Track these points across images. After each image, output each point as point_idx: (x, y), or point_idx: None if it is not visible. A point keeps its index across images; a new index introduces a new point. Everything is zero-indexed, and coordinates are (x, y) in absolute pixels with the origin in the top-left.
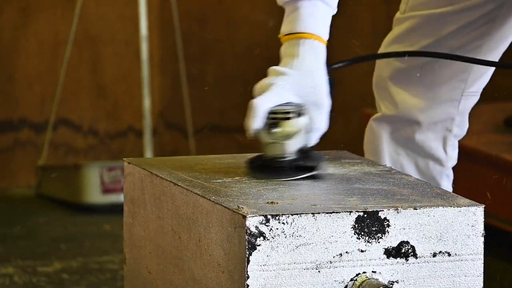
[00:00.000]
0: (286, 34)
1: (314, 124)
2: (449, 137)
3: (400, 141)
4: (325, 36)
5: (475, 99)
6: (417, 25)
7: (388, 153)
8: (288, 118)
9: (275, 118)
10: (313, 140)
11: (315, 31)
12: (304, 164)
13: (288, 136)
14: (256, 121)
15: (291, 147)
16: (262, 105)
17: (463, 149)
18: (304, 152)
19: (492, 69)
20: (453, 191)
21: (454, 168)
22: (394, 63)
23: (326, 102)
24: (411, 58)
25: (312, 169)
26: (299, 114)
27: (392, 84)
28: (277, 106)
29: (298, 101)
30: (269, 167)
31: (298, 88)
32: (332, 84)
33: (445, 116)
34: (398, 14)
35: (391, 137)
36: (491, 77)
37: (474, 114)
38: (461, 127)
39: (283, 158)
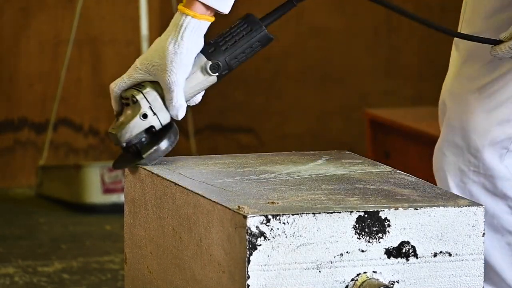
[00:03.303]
0: (184, 4)
1: (166, 102)
2: (507, 155)
3: (463, 168)
4: (222, 7)
5: None
6: None
7: (454, 182)
8: (128, 104)
9: (125, 99)
10: (172, 116)
11: (206, 1)
12: (131, 153)
13: (122, 125)
14: (113, 104)
15: (124, 136)
16: (115, 87)
17: None
18: (156, 132)
19: None
20: None
21: None
22: (454, 90)
23: (173, 80)
24: (469, 83)
25: (140, 157)
26: (134, 101)
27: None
28: (129, 88)
29: (151, 79)
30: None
31: (149, 66)
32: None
33: (504, 136)
34: None
35: (455, 165)
36: None
37: None
38: None
39: (122, 147)
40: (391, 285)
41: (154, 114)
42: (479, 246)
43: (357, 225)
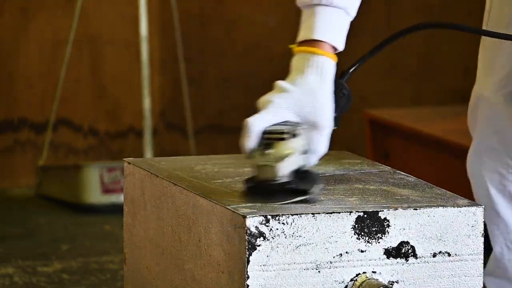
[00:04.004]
0: (300, 43)
1: (312, 146)
2: None
3: (501, 171)
4: (340, 45)
5: None
6: None
7: (493, 185)
8: (282, 139)
9: (269, 138)
10: (311, 161)
11: (333, 41)
12: (296, 188)
13: (280, 158)
14: (250, 141)
15: (283, 170)
16: (255, 124)
17: (464, 149)
18: (300, 174)
19: None
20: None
21: (456, 170)
22: (486, 94)
23: (326, 124)
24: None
25: (304, 192)
26: (294, 135)
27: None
28: (273, 125)
29: (296, 120)
30: (262, 189)
31: (297, 107)
32: (348, 97)
33: None
34: None
35: (493, 169)
36: None
37: None
38: None
39: (275, 181)
40: (391, 285)
41: (306, 153)
42: (478, 246)
43: (356, 225)
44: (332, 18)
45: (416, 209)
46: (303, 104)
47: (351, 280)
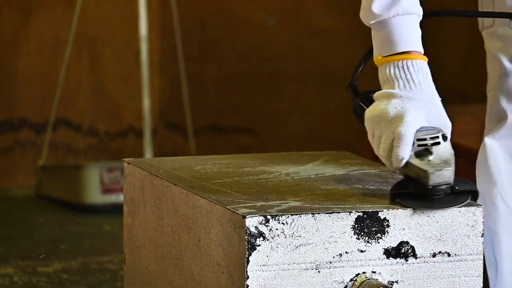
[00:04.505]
0: (387, 56)
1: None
2: None
3: None
4: (422, 49)
5: None
6: None
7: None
8: (439, 143)
9: (424, 144)
10: None
11: (418, 48)
12: (463, 189)
13: (450, 161)
14: (407, 150)
15: (453, 172)
16: (408, 132)
17: (464, 149)
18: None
19: None
20: None
21: (456, 170)
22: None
23: (450, 126)
24: None
25: (474, 193)
26: (444, 138)
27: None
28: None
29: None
30: (426, 195)
31: (427, 113)
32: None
33: None
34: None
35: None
36: None
37: (474, 114)
38: None
39: (448, 185)
40: (390, 285)
41: None
42: (478, 247)
43: (356, 226)
44: (411, 25)
45: (416, 209)
46: (430, 110)
47: (351, 280)
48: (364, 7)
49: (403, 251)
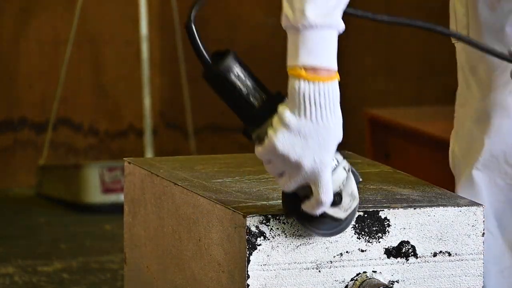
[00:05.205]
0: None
1: None
2: None
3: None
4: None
5: None
6: None
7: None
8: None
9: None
10: None
11: (331, 65)
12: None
13: (355, 194)
14: (331, 194)
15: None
16: (328, 176)
17: None
18: None
19: None
20: None
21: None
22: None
23: (337, 142)
24: None
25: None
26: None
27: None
28: None
29: None
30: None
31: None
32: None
33: None
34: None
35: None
36: None
37: None
38: None
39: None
40: (391, 285)
41: None
42: (478, 246)
43: (356, 225)
44: (332, 41)
45: (416, 209)
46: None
47: (352, 279)
48: (296, 8)
49: (403, 250)
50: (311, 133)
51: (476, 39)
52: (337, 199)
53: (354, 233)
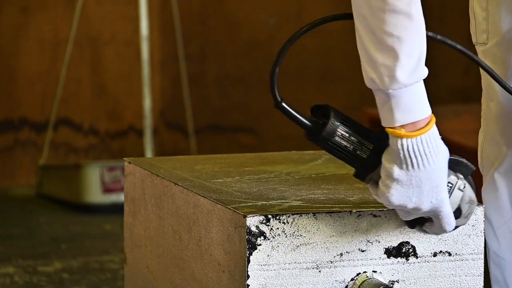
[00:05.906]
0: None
1: None
2: None
3: None
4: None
5: None
6: None
7: None
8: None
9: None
10: None
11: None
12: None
13: (473, 199)
14: (453, 221)
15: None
16: (449, 208)
17: (464, 148)
18: None
19: None
20: None
21: None
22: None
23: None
24: None
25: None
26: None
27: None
28: None
29: None
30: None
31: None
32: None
33: None
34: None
35: None
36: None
37: (475, 113)
38: None
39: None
40: (391, 285)
41: None
42: (479, 246)
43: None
44: (422, 90)
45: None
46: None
47: (352, 279)
48: (383, 73)
49: (403, 250)
50: (423, 180)
51: (495, 45)
52: (457, 213)
53: (354, 233)
